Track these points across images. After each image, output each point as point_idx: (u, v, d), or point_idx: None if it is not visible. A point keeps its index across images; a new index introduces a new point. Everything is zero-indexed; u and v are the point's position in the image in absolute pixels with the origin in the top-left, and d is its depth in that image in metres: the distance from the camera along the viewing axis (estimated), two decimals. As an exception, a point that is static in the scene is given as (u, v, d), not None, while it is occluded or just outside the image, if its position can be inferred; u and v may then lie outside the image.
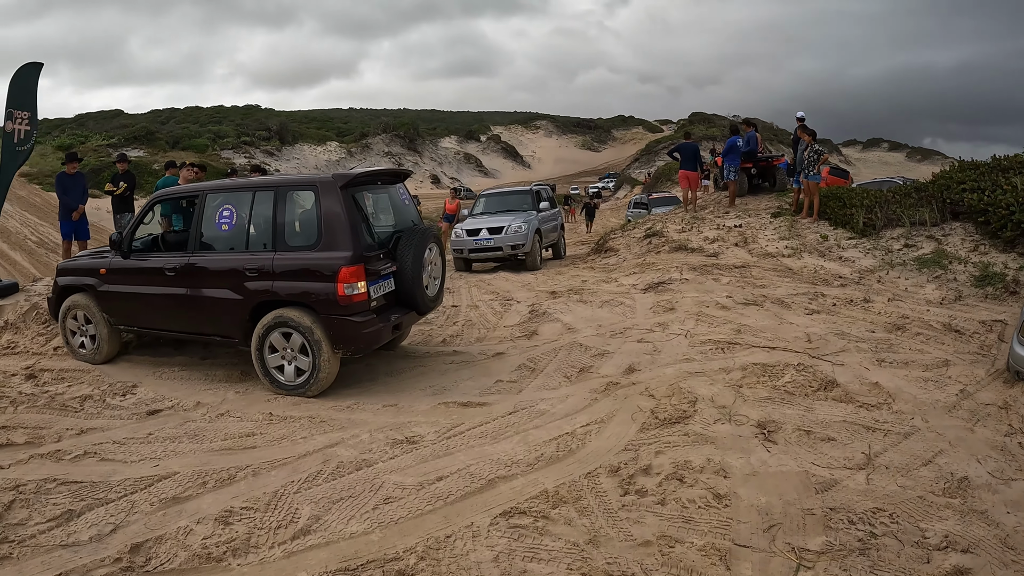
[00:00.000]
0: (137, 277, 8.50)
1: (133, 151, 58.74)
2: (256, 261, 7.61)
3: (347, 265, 7.17)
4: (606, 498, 4.91)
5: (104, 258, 8.92)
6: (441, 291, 8.93)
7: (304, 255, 7.46)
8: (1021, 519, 4.55)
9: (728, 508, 4.71)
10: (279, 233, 7.65)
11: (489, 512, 4.75)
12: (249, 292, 7.60)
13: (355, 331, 7.28)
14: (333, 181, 7.55)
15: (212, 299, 7.88)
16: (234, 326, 7.82)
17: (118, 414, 7.10)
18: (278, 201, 7.72)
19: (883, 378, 7.14)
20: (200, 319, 8.13)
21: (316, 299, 7.31)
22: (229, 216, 8.07)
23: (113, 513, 4.96)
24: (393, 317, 7.76)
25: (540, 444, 5.86)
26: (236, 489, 5.27)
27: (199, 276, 7.97)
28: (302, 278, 7.41)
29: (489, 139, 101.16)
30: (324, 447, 5.98)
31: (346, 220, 7.33)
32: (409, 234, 8.10)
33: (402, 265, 7.90)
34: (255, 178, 9.54)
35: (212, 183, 9.47)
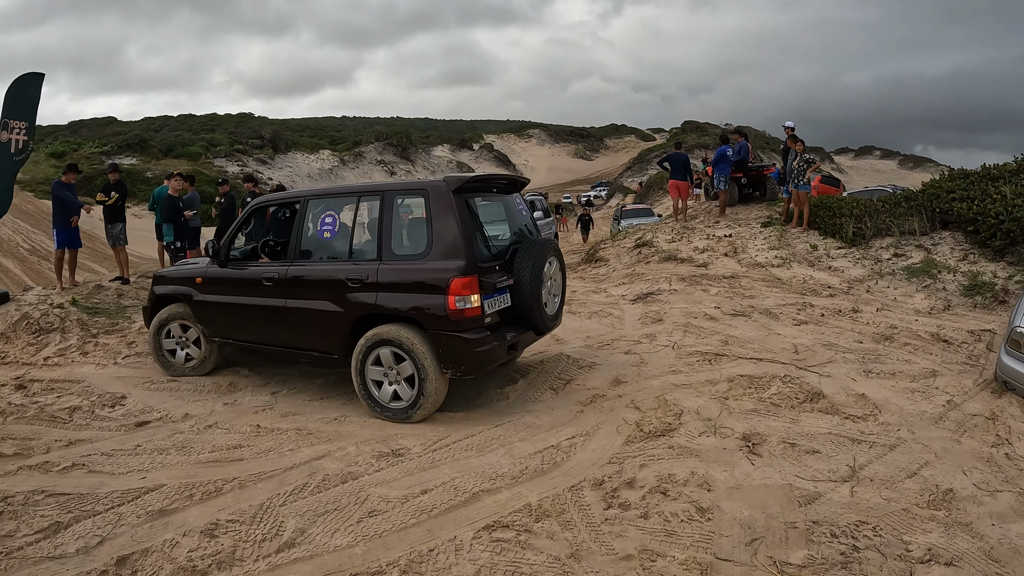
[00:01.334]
0: (234, 287, 8.24)
1: (126, 159, 58.67)
2: (359, 271, 7.11)
3: (459, 276, 6.57)
4: (589, 512, 4.92)
5: (201, 267, 8.68)
6: (560, 310, 8.18)
7: (412, 265, 6.89)
8: (1006, 531, 4.58)
9: (711, 522, 4.72)
10: (385, 241, 7.13)
11: (472, 526, 4.75)
12: (351, 305, 7.11)
13: (466, 349, 6.63)
14: (445, 185, 6.93)
15: (311, 312, 7.43)
16: (334, 341, 7.35)
17: (107, 425, 7.07)
18: (385, 207, 7.22)
19: (870, 389, 7.17)
20: (298, 333, 7.70)
21: (424, 313, 6.72)
22: (331, 223, 7.72)
23: (100, 525, 4.95)
24: (509, 336, 7.08)
25: (525, 457, 5.88)
26: (222, 502, 5.26)
27: (298, 287, 7.57)
28: (409, 290, 6.85)
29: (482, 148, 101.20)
30: (311, 459, 5.98)
31: (458, 227, 6.75)
32: (527, 246, 7.42)
33: (519, 279, 7.22)
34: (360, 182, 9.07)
35: (315, 189, 8.76)
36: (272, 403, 7.64)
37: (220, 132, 78.61)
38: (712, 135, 69.94)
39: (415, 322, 6.83)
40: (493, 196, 8.00)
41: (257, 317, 7.96)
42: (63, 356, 9.65)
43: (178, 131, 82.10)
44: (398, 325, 6.88)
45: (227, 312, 8.31)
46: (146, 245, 22.41)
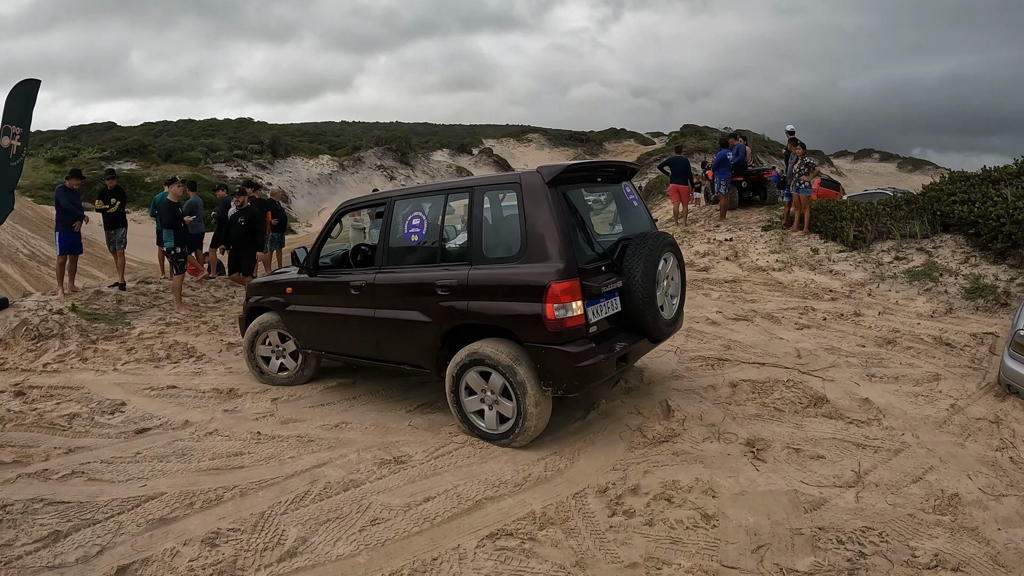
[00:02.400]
0: (322, 296, 7.94)
1: (125, 164, 58.51)
2: (449, 277, 6.49)
3: (557, 280, 5.79)
4: (594, 519, 4.90)
5: (292, 276, 8.40)
6: (680, 313, 7.32)
7: (504, 268, 6.18)
8: (1012, 536, 4.57)
9: (716, 528, 4.70)
10: (476, 242, 6.48)
11: (476, 534, 4.73)
12: (441, 313, 6.55)
13: (568, 364, 5.82)
14: (538, 177, 6.19)
15: (399, 322, 6.95)
16: (424, 354, 6.85)
17: (106, 432, 7.01)
18: (475, 204, 6.58)
19: (873, 393, 7.14)
20: (387, 344, 7.21)
21: (519, 324, 6.01)
22: (419, 225, 7.07)
23: (100, 534, 4.91)
24: (618, 346, 6.25)
25: (528, 464, 5.86)
26: (223, 510, 5.23)
27: (385, 294, 7.12)
28: (503, 297, 6.15)
29: (481, 152, 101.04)
30: (312, 467, 5.95)
31: (555, 224, 5.98)
32: (639, 242, 6.60)
33: (630, 280, 6.42)
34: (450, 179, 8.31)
35: (402, 188, 7.89)
36: (272, 410, 7.57)
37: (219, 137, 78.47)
38: (712, 139, 69.97)
39: (510, 334, 6.17)
40: (598, 186, 7.27)
41: (346, 327, 7.63)
42: (62, 362, 9.61)
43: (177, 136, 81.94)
44: (491, 342, 6.26)
45: (316, 322, 8.03)
46: (145, 251, 22.46)
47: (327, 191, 63.52)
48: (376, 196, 8.03)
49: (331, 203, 59.98)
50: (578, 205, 6.50)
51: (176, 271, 12.55)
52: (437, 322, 6.59)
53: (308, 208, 57.60)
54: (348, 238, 19.51)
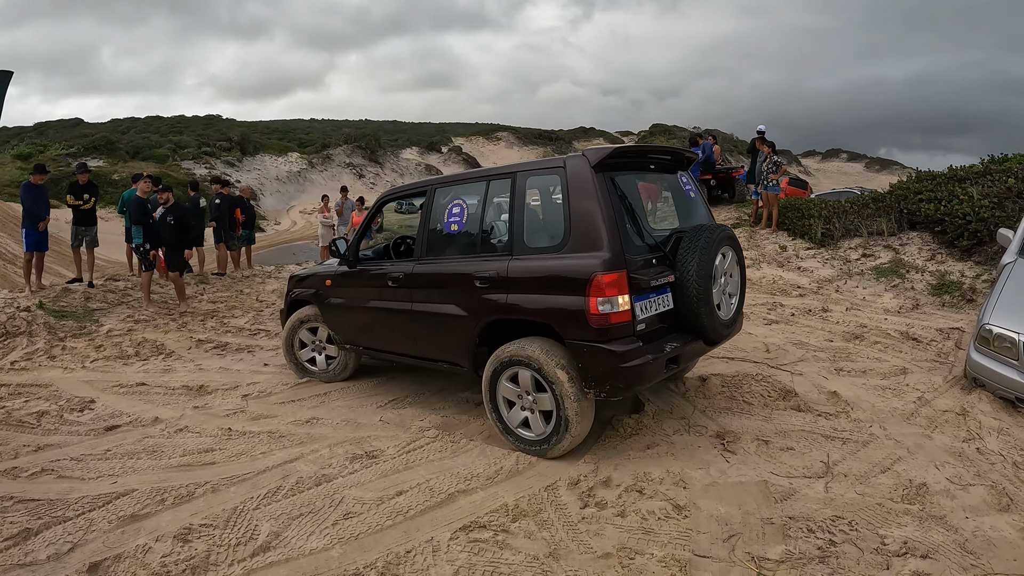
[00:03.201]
0: (360, 289, 7.65)
1: (93, 161, 57.83)
2: (488, 267, 6.12)
3: (602, 271, 5.35)
4: (566, 511, 4.91)
5: (333, 268, 8.18)
6: (739, 314, 6.76)
7: (546, 259, 5.77)
8: (979, 524, 4.62)
9: (688, 519, 4.73)
10: (517, 231, 6.07)
11: (449, 526, 4.73)
12: (478, 307, 6.19)
13: (612, 364, 5.38)
14: (583, 160, 5.74)
15: (436, 316, 6.63)
16: (460, 350, 6.50)
17: (76, 430, 6.94)
18: (516, 191, 6.14)
19: (841, 387, 7.21)
20: (424, 340, 6.90)
21: (560, 319, 5.59)
22: (459, 213, 6.72)
23: (71, 531, 4.85)
24: (668, 347, 5.74)
25: (499, 457, 5.86)
26: (195, 506, 5.18)
27: (423, 287, 6.81)
28: (543, 290, 5.73)
29: (450, 150, 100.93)
30: (284, 462, 5.91)
31: (601, 211, 5.50)
32: (694, 234, 6.08)
33: (683, 275, 5.91)
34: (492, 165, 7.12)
35: (442, 176, 7.64)
36: (243, 406, 7.51)
37: (188, 134, 77.92)
38: (680, 138, 70.20)
39: (552, 331, 5.74)
40: (651, 175, 6.80)
41: (383, 321, 7.37)
42: (30, 360, 9.50)
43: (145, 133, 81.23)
44: (531, 341, 5.85)
45: (354, 316, 7.79)
46: (113, 248, 22.18)
47: (296, 189, 63.18)
48: (416, 184, 7.64)
49: (300, 201, 59.74)
50: (628, 192, 6.00)
51: (145, 268, 12.43)
52: (474, 316, 6.24)
53: (277, 206, 57.26)
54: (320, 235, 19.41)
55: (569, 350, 5.62)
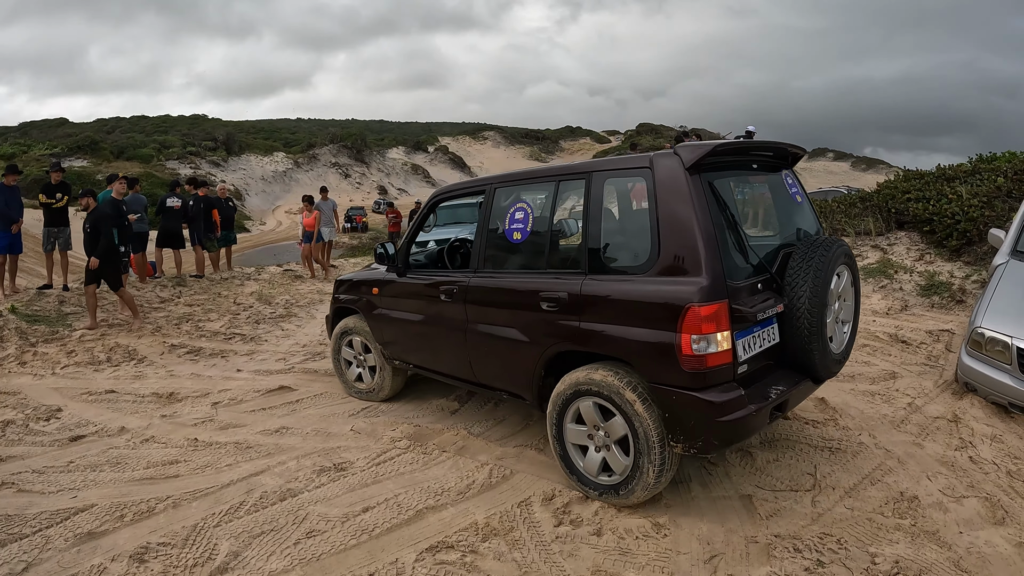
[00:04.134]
0: (411, 300, 6.80)
1: (77, 161, 57.83)
2: (557, 286, 5.14)
3: (699, 302, 4.33)
4: (539, 529, 4.70)
5: (380, 274, 7.29)
6: (851, 345, 5.65)
7: (629, 281, 4.74)
8: (974, 539, 4.46)
9: (667, 538, 4.53)
10: (593, 245, 5.04)
11: (416, 547, 4.50)
12: (544, 332, 5.25)
13: (707, 417, 4.39)
14: (676, 161, 4.66)
15: (493, 338, 5.74)
16: (522, 381, 5.59)
17: (40, 440, 6.73)
18: (592, 195, 5.09)
19: (828, 393, 7.04)
20: (479, 364, 6.03)
21: (644, 357, 4.60)
22: (523, 220, 5.67)
23: (27, 549, 4.65)
24: (774, 392, 4.74)
25: (472, 470, 5.64)
26: (154, 523, 4.96)
27: (480, 303, 5.89)
28: (624, 318, 4.72)
29: (437, 150, 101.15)
30: (249, 475, 5.69)
31: (698, 224, 4.46)
32: (806, 250, 5.03)
33: (794, 303, 4.89)
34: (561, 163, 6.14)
35: (503, 173, 6.50)
36: (212, 415, 7.30)
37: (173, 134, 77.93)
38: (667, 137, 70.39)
39: (631, 367, 4.76)
40: (752, 175, 5.72)
41: (435, 339, 6.50)
42: (0, 367, 9.26)
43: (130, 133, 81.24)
44: (609, 366, 4.88)
45: (402, 330, 6.94)
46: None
47: (281, 188, 63.21)
48: (473, 183, 6.67)
49: (285, 201, 59.71)
50: (727, 199, 4.91)
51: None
52: (539, 344, 5.32)
53: (262, 206, 57.26)
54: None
55: (653, 395, 4.61)
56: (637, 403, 4.66)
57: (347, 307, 7.84)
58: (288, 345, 10.56)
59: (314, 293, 15.45)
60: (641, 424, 4.66)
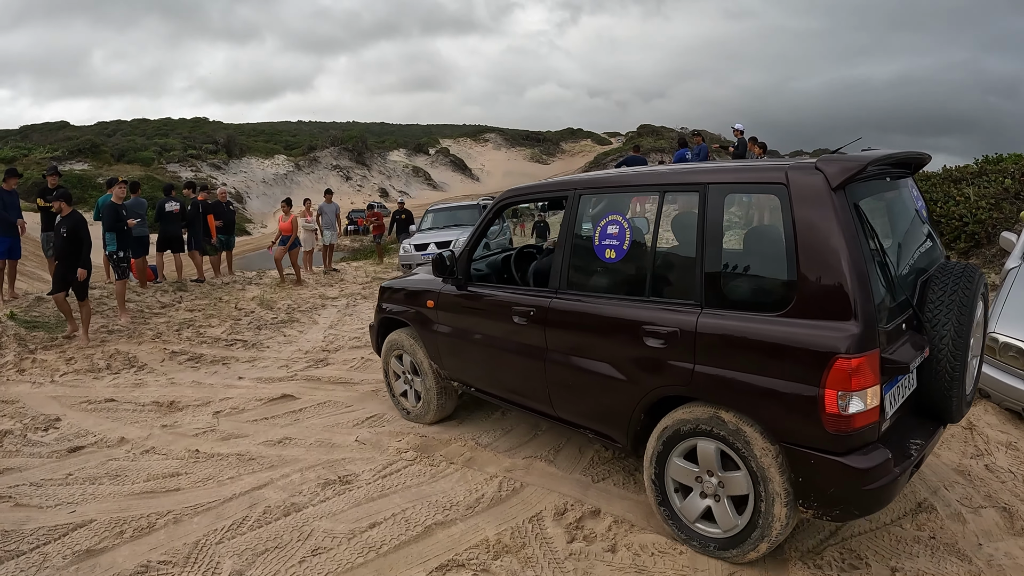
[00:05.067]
0: (475, 317, 6.09)
1: (78, 164, 57.84)
2: (665, 319, 4.37)
3: (849, 353, 3.62)
4: (552, 545, 4.57)
5: (435, 284, 6.55)
6: (979, 380, 5.18)
7: (758, 320, 3.99)
8: (994, 551, 4.36)
9: (684, 555, 4.40)
10: (711, 272, 4.26)
11: (425, 565, 4.38)
12: (648, 372, 4.49)
13: (850, 485, 3.75)
14: (819, 177, 3.90)
15: (581, 372, 4.95)
16: (614, 421, 4.84)
17: (38, 452, 6.62)
18: (709, 210, 4.32)
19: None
20: (561, 398, 5.23)
21: (773, 412, 3.92)
22: (618, 235, 4.85)
23: (23, 568, 4.54)
24: (913, 448, 4.09)
25: (481, 483, 5.51)
26: (155, 539, 4.84)
27: (564, 330, 5.11)
28: (750, 366, 3.98)
29: (438, 152, 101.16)
30: (252, 489, 5.57)
31: (849, 257, 3.73)
32: (946, 281, 4.33)
33: (938, 343, 4.19)
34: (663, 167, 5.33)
35: (587, 176, 5.70)
36: (214, 425, 7.18)
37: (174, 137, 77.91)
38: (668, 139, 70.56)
39: (759, 418, 4.01)
40: (885, 187, 4.69)
41: (506, 364, 5.75)
42: (-2, 374, 9.17)
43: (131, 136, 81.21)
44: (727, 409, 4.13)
45: (465, 350, 6.23)
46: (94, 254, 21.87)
47: (282, 191, 63.18)
48: (550, 186, 5.93)
49: (287, 204, 59.69)
50: (873, 223, 4.12)
51: (118, 276, 12.09)
52: (640, 384, 4.55)
53: (263, 209, 57.27)
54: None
55: (786, 454, 3.93)
56: (772, 467, 3.92)
57: (396, 318, 7.10)
58: (290, 352, 10.46)
59: (316, 298, 15.37)
60: (770, 488, 3.95)
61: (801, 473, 3.87)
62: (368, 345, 10.44)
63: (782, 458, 3.92)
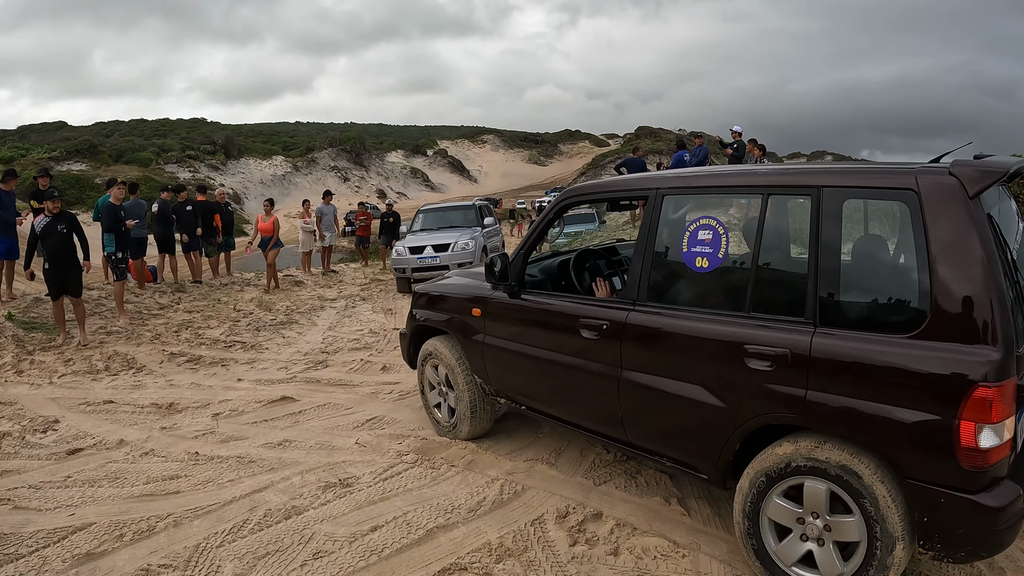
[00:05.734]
0: (529, 329, 5.49)
1: (75, 165, 57.79)
2: (772, 340, 3.85)
3: (989, 381, 3.22)
4: (554, 549, 4.53)
5: (482, 289, 5.95)
6: None
7: (884, 343, 3.53)
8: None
9: (687, 558, 4.37)
10: (827, 285, 3.77)
11: (427, 569, 4.34)
12: (748, 398, 3.93)
13: (982, 524, 3.35)
14: (956, 184, 3.47)
15: (663, 395, 4.36)
16: (703, 451, 4.27)
17: (37, 454, 6.61)
18: (825, 217, 3.85)
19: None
20: (636, 422, 4.66)
21: (898, 445, 3.47)
22: (712, 241, 4.30)
23: (23, 571, 4.51)
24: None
25: (483, 486, 5.46)
26: (155, 543, 4.81)
27: (644, 348, 4.55)
28: (874, 393, 3.52)
29: (436, 153, 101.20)
30: (252, 492, 5.53)
31: (990, 274, 3.35)
32: None
33: None
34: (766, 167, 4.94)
35: (670, 173, 5.10)
36: (213, 427, 7.15)
37: (172, 138, 77.95)
38: (666, 140, 70.58)
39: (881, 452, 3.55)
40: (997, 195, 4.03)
41: (568, 382, 5.18)
42: (-4, 376, 9.14)
43: (129, 136, 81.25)
44: (851, 445, 3.64)
45: (517, 364, 5.63)
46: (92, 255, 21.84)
47: (280, 192, 63.18)
48: (626, 183, 5.49)
49: (284, 205, 59.54)
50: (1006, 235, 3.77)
51: (117, 277, 12.07)
52: (738, 411, 3.99)
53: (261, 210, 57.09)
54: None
55: (904, 491, 3.50)
56: (892, 507, 3.47)
57: (433, 327, 6.59)
58: (289, 353, 10.44)
59: (315, 299, 15.36)
60: (888, 530, 3.50)
61: (926, 513, 3.45)
62: (368, 347, 10.43)
63: (904, 497, 3.50)
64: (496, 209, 35.04)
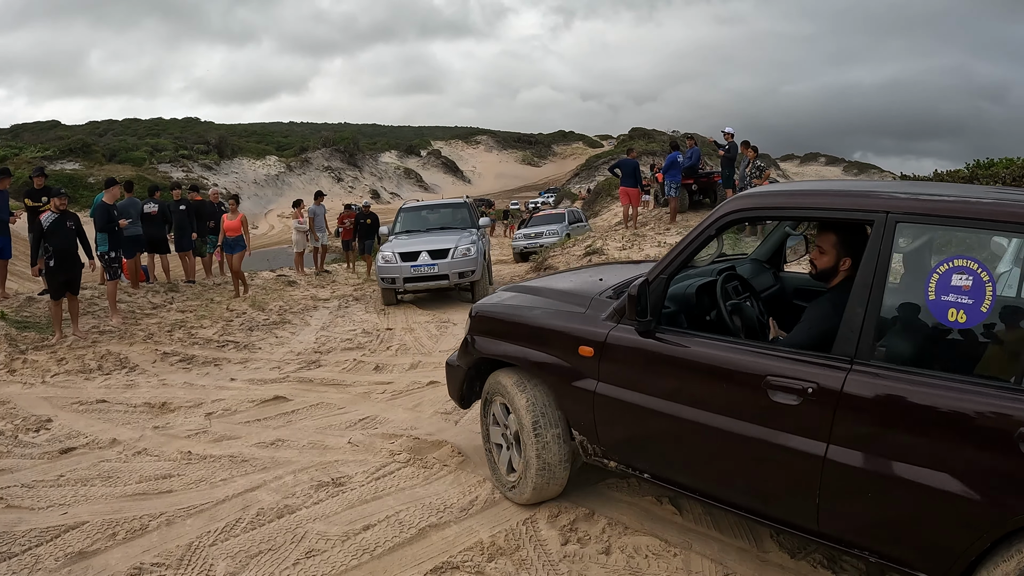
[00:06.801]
0: (680, 383, 4.05)
1: (68, 164, 57.64)
2: None
3: None
4: (546, 547, 4.54)
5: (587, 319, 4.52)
6: None
7: None
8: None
9: (678, 557, 4.36)
10: None
11: (419, 567, 4.35)
12: (1016, 492, 2.80)
13: None
14: None
15: (895, 483, 3.14)
16: (934, 551, 3.12)
17: (29, 452, 6.60)
18: None
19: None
20: (840, 511, 3.39)
21: None
22: (971, 290, 3.05)
23: (15, 570, 4.50)
24: None
25: (475, 485, 5.46)
26: (148, 541, 4.80)
27: (871, 423, 3.27)
28: None
29: (429, 154, 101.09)
30: (244, 491, 5.53)
31: None
32: None
33: None
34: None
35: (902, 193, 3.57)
36: (206, 426, 7.15)
37: (165, 137, 77.77)
38: (660, 142, 70.53)
39: None
40: None
41: (742, 457, 3.79)
42: (-12, 375, 9.12)
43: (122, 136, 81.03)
44: None
45: (654, 427, 4.22)
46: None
47: (274, 192, 63.01)
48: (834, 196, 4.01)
49: (277, 205, 59.53)
50: None
51: (110, 276, 12.06)
52: (997, 506, 2.86)
53: (254, 210, 57.02)
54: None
55: None
56: None
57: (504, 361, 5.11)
58: (282, 353, 10.44)
59: (308, 299, 15.35)
60: None
61: None
62: (361, 347, 10.44)
63: None
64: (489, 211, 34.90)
